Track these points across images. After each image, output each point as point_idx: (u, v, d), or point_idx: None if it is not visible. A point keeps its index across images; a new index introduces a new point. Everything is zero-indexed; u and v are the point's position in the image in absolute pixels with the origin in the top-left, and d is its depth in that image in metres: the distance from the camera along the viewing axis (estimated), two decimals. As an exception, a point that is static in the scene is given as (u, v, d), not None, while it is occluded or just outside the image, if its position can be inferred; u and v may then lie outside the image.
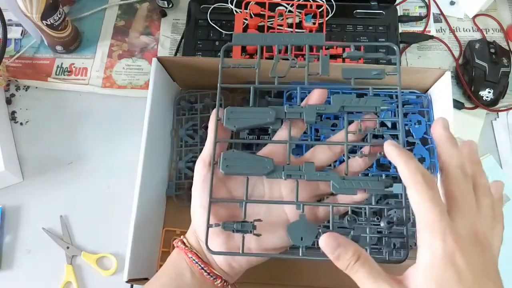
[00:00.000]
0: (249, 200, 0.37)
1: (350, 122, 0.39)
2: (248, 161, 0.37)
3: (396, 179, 0.34)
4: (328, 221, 0.37)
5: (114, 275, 0.58)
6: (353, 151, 0.41)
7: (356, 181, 0.35)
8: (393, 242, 0.51)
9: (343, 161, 0.38)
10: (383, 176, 0.51)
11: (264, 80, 0.40)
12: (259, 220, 0.36)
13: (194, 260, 0.38)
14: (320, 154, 0.39)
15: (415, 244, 0.53)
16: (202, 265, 0.38)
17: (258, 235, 0.36)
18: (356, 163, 0.38)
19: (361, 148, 0.38)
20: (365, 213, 0.51)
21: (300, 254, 0.35)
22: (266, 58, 0.64)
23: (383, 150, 0.34)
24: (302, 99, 0.39)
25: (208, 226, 0.36)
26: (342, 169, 0.37)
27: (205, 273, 0.38)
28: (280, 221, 0.38)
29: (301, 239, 0.35)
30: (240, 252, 0.36)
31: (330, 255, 0.31)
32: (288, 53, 0.39)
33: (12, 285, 0.59)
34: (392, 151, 0.32)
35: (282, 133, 0.39)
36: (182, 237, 0.41)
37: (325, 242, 0.31)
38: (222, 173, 0.36)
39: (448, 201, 0.31)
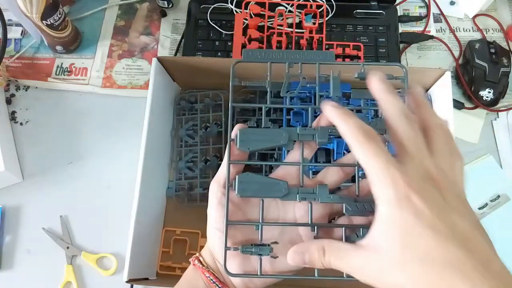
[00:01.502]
0: (265, 222, 0.37)
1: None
2: (263, 184, 0.37)
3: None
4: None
5: (114, 275, 0.58)
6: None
7: (368, 203, 0.36)
8: None
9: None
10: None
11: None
12: (276, 242, 0.37)
13: (211, 279, 0.38)
14: (332, 175, 0.39)
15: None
16: (219, 285, 0.38)
17: (275, 257, 0.36)
18: (366, 184, 0.38)
19: None
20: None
21: (316, 275, 0.35)
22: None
23: None
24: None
25: (226, 249, 0.36)
26: (354, 189, 0.38)
27: None
28: (294, 243, 0.37)
29: None
30: (258, 274, 0.36)
31: (304, 265, 0.32)
32: (300, 71, 0.39)
33: (12, 285, 0.59)
34: (331, 112, 0.31)
35: (294, 155, 0.39)
36: (198, 254, 0.41)
37: (292, 258, 0.33)
38: (238, 196, 0.37)
39: (396, 150, 0.30)
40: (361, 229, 0.35)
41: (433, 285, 0.26)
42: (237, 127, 0.37)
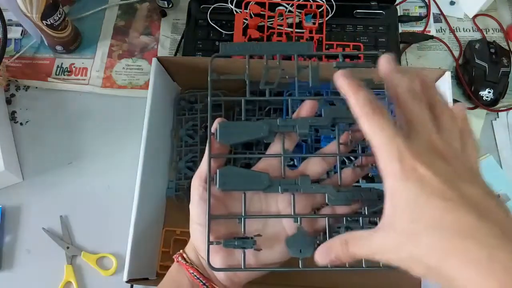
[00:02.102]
0: (247, 215, 0.37)
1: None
2: (245, 176, 0.37)
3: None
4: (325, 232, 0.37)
5: (114, 275, 0.58)
6: (345, 161, 0.40)
7: (350, 192, 0.36)
8: None
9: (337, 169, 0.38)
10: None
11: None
12: (259, 235, 0.36)
13: (195, 276, 0.38)
14: (314, 165, 0.39)
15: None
16: (203, 281, 0.38)
17: (258, 250, 0.36)
18: (348, 174, 0.39)
19: (354, 157, 0.38)
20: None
21: (300, 266, 0.35)
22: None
23: (374, 162, 0.33)
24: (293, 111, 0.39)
25: (209, 243, 0.35)
26: (336, 179, 0.38)
27: None
28: (277, 235, 0.38)
29: (300, 251, 0.35)
30: (242, 267, 0.36)
31: (332, 264, 0.32)
32: (278, 63, 0.38)
33: (12, 285, 0.59)
34: (342, 82, 0.31)
35: (275, 147, 0.39)
36: (181, 251, 0.41)
37: (320, 257, 0.32)
38: (219, 190, 0.36)
39: (404, 127, 0.29)
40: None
41: (448, 254, 0.25)
42: (216, 121, 0.37)
